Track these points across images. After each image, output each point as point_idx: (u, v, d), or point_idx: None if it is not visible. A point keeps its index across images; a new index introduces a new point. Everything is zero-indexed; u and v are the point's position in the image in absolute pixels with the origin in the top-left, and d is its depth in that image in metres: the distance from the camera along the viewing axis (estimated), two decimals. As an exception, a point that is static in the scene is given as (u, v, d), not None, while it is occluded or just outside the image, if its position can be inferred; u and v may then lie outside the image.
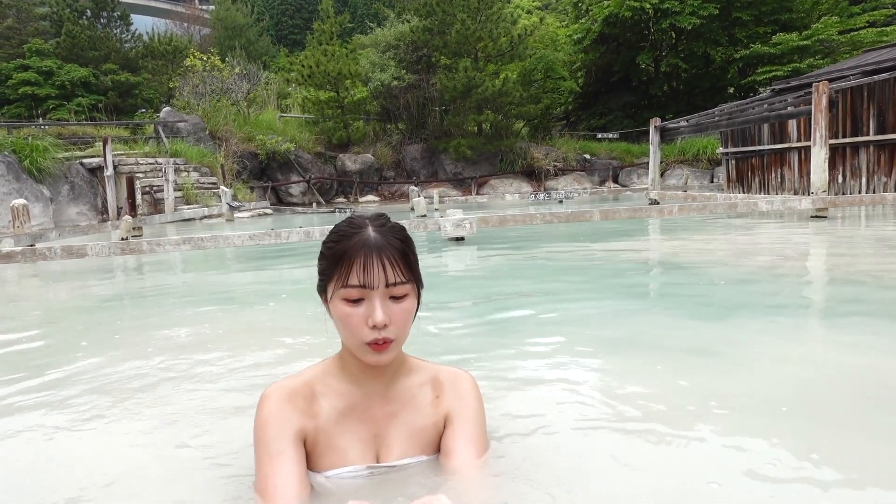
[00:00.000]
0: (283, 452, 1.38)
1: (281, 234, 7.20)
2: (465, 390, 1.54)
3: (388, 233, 1.38)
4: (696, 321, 3.47)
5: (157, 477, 1.74)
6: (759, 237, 7.62)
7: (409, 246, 1.42)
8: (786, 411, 2.03)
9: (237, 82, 22.92)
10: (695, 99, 25.85)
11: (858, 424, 1.92)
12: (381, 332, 1.35)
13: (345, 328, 1.38)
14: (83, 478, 1.74)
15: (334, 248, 1.38)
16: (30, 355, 3.29)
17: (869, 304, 3.70)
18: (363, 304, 1.35)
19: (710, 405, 2.10)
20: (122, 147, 17.72)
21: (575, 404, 2.09)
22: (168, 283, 6.15)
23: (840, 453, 1.71)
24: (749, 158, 14.95)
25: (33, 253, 6.77)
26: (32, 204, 13.14)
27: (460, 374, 1.58)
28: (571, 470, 1.60)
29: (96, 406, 2.33)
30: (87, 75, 25.41)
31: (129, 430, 2.09)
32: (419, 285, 1.44)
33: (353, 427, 1.47)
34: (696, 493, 1.52)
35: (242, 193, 18.41)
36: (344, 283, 1.35)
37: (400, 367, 1.51)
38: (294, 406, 1.43)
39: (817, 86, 9.33)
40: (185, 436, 2.00)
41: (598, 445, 1.78)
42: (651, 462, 1.69)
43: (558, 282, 5.07)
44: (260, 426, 1.42)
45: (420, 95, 23.06)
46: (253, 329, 3.66)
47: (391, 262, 1.35)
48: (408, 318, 1.40)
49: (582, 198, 18.45)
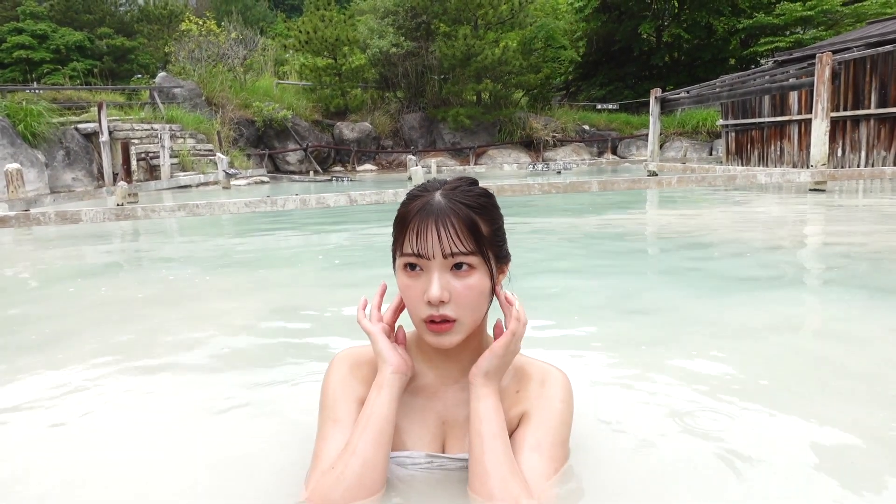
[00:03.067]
0: (342, 420, 1.32)
1: (277, 201, 7.16)
2: (552, 390, 1.35)
3: (456, 197, 1.23)
4: (691, 291, 3.47)
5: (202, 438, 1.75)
6: (756, 209, 7.60)
7: (484, 213, 1.25)
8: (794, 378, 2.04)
9: (234, 48, 22.60)
10: (696, 70, 25.58)
11: (854, 390, 1.93)
12: (439, 310, 1.22)
13: (405, 301, 1.28)
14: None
15: (400, 211, 1.27)
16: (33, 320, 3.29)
17: (859, 274, 3.71)
18: (422, 277, 1.24)
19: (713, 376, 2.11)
20: (117, 113, 17.52)
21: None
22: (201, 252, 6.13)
23: (847, 419, 1.72)
24: (749, 131, 14.85)
25: (27, 218, 6.73)
26: (27, 169, 13.04)
27: (552, 371, 1.39)
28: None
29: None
30: (81, 39, 25.05)
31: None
32: (495, 259, 1.28)
33: (420, 410, 1.37)
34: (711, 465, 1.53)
35: (239, 161, 18.28)
36: (402, 250, 1.25)
37: (483, 352, 1.33)
38: (358, 374, 1.38)
39: (821, 56, 9.23)
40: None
41: (600, 415, 1.79)
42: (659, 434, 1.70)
43: (555, 252, 5.07)
44: (324, 390, 1.38)
45: (419, 63, 22.77)
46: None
47: (451, 230, 1.20)
48: (475, 297, 1.24)
49: (580, 169, 18.36)
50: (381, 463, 1.25)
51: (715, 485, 1.40)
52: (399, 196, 7.26)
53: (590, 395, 1.88)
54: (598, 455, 1.50)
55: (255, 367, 2.32)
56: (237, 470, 1.53)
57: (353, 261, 4.95)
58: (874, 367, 2.16)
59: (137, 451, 1.66)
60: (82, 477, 1.52)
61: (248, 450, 1.63)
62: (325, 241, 6.23)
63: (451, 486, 1.30)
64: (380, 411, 1.27)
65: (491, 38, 21.52)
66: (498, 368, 1.31)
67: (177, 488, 1.45)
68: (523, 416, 1.34)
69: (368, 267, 4.52)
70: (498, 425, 1.26)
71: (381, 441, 1.25)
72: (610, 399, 1.90)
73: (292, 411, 1.86)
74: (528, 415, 1.34)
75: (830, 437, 1.64)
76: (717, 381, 2.04)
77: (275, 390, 2.05)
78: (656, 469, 1.47)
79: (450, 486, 1.31)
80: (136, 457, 1.62)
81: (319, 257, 5.13)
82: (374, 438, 1.25)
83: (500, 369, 1.31)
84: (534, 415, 1.33)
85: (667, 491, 1.38)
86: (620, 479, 1.42)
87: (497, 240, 1.29)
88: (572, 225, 6.76)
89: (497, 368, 1.30)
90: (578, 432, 1.44)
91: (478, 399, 1.28)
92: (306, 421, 1.58)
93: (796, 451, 1.55)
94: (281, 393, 2.03)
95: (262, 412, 1.87)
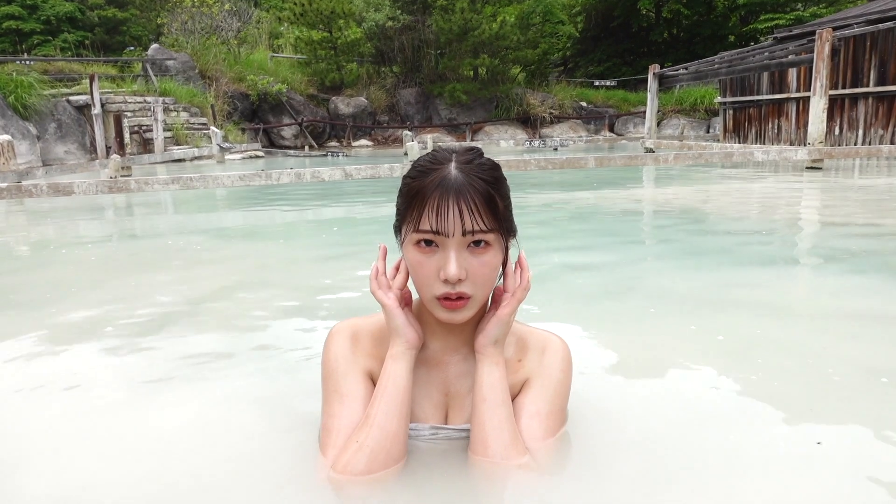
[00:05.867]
0: (349, 395, 1.31)
1: (272, 174, 7.10)
2: (552, 358, 1.37)
3: (473, 171, 1.18)
4: (687, 267, 3.47)
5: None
6: (752, 186, 7.59)
7: (499, 188, 1.22)
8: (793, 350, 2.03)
9: (227, 20, 22.28)
10: (695, 47, 25.38)
11: (850, 363, 1.93)
12: (455, 287, 1.19)
13: (415, 277, 1.24)
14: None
15: (410, 184, 1.21)
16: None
17: (855, 251, 3.70)
18: (437, 253, 1.20)
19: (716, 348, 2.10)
20: (109, 85, 17.29)
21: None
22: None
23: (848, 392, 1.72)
24: (747, 108, 14.78)
25: (19, 189, 6.66)
26: (19, 141, 12.90)
27: (552, 339, 1.40)
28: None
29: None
30: (72, 10, 24.62)
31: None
32: (508, 235, 1.26)
33: (423, 382, 1.36)
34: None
35: (233, 135, 18.12)
36: (416, 226, 1.19)
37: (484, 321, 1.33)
38: (358, 348, 1.36)
39: (821, 32, 9.14)
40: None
41: (597, 391, 1.78)
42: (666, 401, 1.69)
43: (550, 228, 5.05)
44: (326, 364, 1.35)
45: (415, 37, 22.50)
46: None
47: (472, 207, 1.16)
48: (489, 273, 1.22)
49: (577, 146, 18.27)
50: (403, 433, 1.27)
51: (709, 459, 1.39)
52: (395, 171, 7.20)
53: (586, 365, 1.87)
54: (594, 422, 1.51)
55: (243, 329, 2.31)
56: (237, 437, 1.51)
57: (349, 236, 4.92)
58: (876, 356, 2.16)
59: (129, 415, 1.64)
60: (69, 436, 1.51)
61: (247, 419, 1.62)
62: (319, 215, 6.19)
63: (454, 454, 1.33)
64: (399, 382, 1.27)
65: (488, 11, 21.26)
66: (504, 335, 1.32)
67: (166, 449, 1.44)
68: (525, 383, 1.37)
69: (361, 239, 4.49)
70: (503, 392, 1.29)
71: (402, 412, 1.27)
72: (604, 370, 1.90)
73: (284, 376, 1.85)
74: (528, 383, 1.36)
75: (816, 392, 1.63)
76: (712, 356, 2.04)
77: (265, 353, 2.04)
78: (648, 436, 1.48)
79: (453, 454, 1.33)
80: (128, 421, 1.61)
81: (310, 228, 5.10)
82: (395, 410, 1.26)
83: (505, 336, 1.32)
84: (534, 383, 1.36)
85: (658, 458, 1.37)
86: (613, 445, 1.43)
87: (509, 214, 1.26)
88: (566, 200, 6.74)
89: (503, 335, 1.32)
90: (576, 398, 1.46)
91: (485, 367, 1.30)
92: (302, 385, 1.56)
93: (787, 424, 1.55)
94: (272, 356, 2.02)
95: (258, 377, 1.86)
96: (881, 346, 2.10)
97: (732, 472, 1.32)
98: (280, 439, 1.48)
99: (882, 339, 2.17)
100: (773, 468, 1.33)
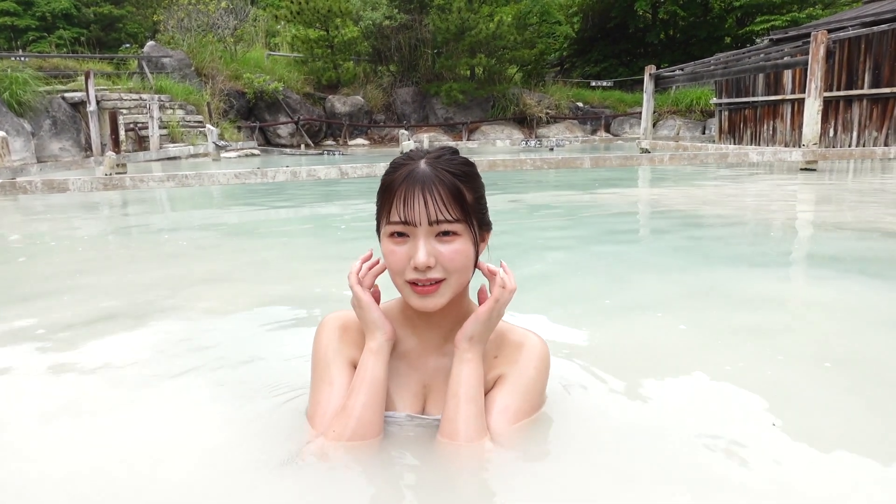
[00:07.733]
0: (335, 382, 1.39)
1: (267, 172, 7.09)
2: (528, 355, 1.41)
3: (441, 165, 1.26)
4: (679, 267, 3.48)
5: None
6: (747, 188, 7.61)
7: (468, 182, 1.29)
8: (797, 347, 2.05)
9: (224, 17, 22.21)
10: (691, 49, 25.43)
11: (854, 354, 1.94)
12: (426, 274, 1.25)
13: (389, 266, 1.30)
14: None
15: (384, 180, 1.30)
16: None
17: (848, 251, 3.73)
18: (408, 243, 1.26)
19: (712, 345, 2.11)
20: (105, 82, 17.22)
21: (563, 351, 2.10)
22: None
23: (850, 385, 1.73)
24: (742, 110, 14.83)
25: (13, 186, 6.64)
26: (13, 138, 12.86)
27: (530, 337, 1.44)
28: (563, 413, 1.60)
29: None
30: (68, 7, 24.57)
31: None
32: (478, 226, 1.31)
33: (404, 374, 1.44)
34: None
35: (229, 133, 18.08)
36: (388, 218, 1.27)
37: (463, 320, 1.38)
38: (347, 338, 1.44)
39: (816, 34, 9.18)
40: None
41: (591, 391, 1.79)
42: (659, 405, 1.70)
43: (544, 228, 5.06)
44: (316, 352, 1.44)
45: (412, 37, 22.49)
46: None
47: (437, 198, 1.22)
48: (460, 260, 1.27)
49: (573, 146, 18.29)
50: (378, 422, 1.36)
51: (698, 456, 1.40)
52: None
53: (568, 358, 1.88)
54: (568, 414, 1.54)
55: (240, 319, 2.31)
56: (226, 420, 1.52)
57: (344, 233, 4.92)
58: (879, 351, 2.17)
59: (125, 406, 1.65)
60: (63, 423, 1.51)
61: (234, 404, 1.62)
62: (316, 212, 6.19)
63: (425, 439, 1.39)
64: (377, 375, 1.35)
65: (485, 11, 21.27)
66: (482, 334, 1.36)
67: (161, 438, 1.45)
68: (498, 379, 1.42)
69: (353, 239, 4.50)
70: (475, 389, 1.34)
71: (377, 402, 1.35)
72: (593, 367, 1.91)
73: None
74: (502, 378, 1.41)
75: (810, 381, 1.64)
76: (701, 353, 2.05)
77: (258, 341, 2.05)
78: (623, 429, 1.50)
79: (425, 439, 1.39)
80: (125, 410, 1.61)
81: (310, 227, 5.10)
82: (372, 401, 1.34)
83: (483, 334, 1.37)
84: (507, 379, 1.41)
85: (639, 451, 1.38)
86: (588, 436, 1.47)
87: (480, 207, 1.32)
88: (561, 200, 6.75)
89: (481, 334, 1.36)
90: (553, 391, 1.50)
91: (460, 362, 1.35)
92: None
93: (780, 420, 1.56)
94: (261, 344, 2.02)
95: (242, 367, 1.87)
96: (877, 343, 2.12)
97: (719, 464, 1.33)
98: (265, 426, 1.49)
99: (880, 339, 2.18)
100: (761, 463, 1.34)
